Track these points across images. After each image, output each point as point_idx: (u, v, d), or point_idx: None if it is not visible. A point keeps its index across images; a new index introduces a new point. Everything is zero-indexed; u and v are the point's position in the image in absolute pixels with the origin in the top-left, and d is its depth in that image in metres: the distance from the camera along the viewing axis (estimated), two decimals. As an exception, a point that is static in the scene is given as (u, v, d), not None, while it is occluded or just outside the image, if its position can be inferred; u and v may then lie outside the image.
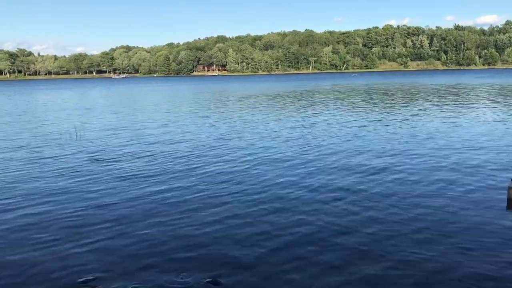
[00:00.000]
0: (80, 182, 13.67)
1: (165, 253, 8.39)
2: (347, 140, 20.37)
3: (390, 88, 69.24)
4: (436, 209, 10.44)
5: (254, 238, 8.98)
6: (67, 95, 73.49)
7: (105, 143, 21.39)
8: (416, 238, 8.76)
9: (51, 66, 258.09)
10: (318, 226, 9.54)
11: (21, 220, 10.38)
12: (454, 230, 9.14)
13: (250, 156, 17.10)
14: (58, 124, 29.98)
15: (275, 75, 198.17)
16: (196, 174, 14.47)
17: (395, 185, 12.53)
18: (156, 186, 13.00)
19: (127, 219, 10.30)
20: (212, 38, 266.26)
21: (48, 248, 8.73)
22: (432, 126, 24.22)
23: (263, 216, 10.28)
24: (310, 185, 12.71)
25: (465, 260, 7.78)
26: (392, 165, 14.96)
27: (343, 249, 8.35)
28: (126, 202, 11.59)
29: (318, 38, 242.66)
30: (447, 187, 12.20)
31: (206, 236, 9.18)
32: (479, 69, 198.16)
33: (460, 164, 14.84)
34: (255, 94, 62.70)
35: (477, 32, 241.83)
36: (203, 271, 7.62)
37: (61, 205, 11.43)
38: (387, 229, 9.25)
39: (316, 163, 15.63)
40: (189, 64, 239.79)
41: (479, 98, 44.36)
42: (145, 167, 15.59)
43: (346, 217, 10.08)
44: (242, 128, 25.42)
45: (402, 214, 10.15)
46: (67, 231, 9.60)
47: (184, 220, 10.13)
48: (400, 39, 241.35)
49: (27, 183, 13.72)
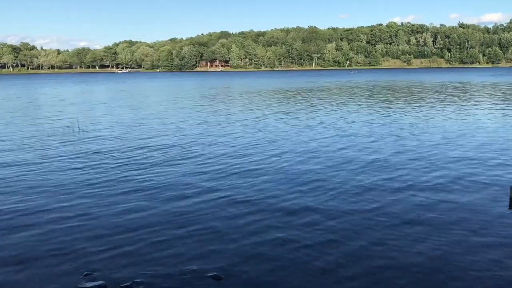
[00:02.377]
0: (83, 174, 13.75)
1: (169, 248, 8.45)
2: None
3: (386, 86, 69.05)
4: (438, 207, 10.48)
5: (255, 235, 9.05)
6: (71, 90, 73.49)
7: (107, 136, 21.46)
8: (416, 237, 8.81)
9: (54, 60, 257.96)
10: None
11: (22, 211, 10.48)
12: (457, 229, 9.18)
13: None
14: (62, 118, 30.05)
15: (278, 72, 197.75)
16: (208, 171, 14.54)
17: (394, 183, 12.57)
18: (157, 178, 13.08)
19: (128, 212, 10.36)
20: (215, 34, 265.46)
21: (51, 240, 8.81)
22: (436, 124, 24.20)
23: (264, 209, 10.35)
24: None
25: (467, 259, 7.83)
26: (391, 162, 15.01)
27: (344, 251, 8.41)
28: (126, 195, 11.67)
29: (322, 35, 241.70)
30: (449, 185, 12.23)
31: (209, 230, 9.24)
32: (483, 68, 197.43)
33: (463, 162, 14.87)
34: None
35: (481, 30, 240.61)
36: (204, 265, 7.69)
37: (60, 197, 11.53)
38: (391, 226, 9.32)
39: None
40: (192, 60, 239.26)
41: (486, 96, 44.22)
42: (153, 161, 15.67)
43: (359, 215, 10.15)
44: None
45: (404, 212, 10.20)
46: (70, 223, 9.67)
47: (188, 212, 10.20)
48: (404, 36, 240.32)
49: (30, 176, 13.82)
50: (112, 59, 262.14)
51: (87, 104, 43.43)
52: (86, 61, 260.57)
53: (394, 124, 24.62)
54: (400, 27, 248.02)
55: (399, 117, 27.73)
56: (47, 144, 19.72)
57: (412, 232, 9.00)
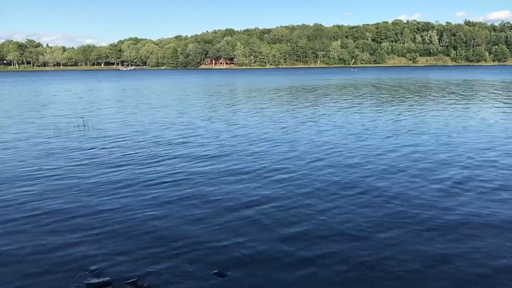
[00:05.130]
0: (87, 170, 13.84)
1: (174, 243, 8.50)
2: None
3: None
4: (460, 205, 10.50)
5: (260, 233, 9.07)
6: (76, 87, 73.72)
7: (112, 133, 21.53)
8: (431, 237, 8.83)
9: (60, 57, 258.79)
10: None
11: (27, 208, 10.56)
12: (477, 228, 9.19)
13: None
14: (67, 115, 30.16)
15: (283, 69, 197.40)
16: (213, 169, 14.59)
17: (405, 182, 12.57)
18: (162, 176, 13.13)
19: (133, 209, 10.42)
20: (220, 31, 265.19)
21: (57, 236, 8.88)
22: (451, 123, 24.13)
23: (269, 210, 10.38)
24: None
25: (492, 257, 7.84)
26: (396, 163, 15.00)
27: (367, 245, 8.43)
28: (133, 191, 11.72)
29: (327, 32, 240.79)
30: (464, 185, 12.20)
31: (213, 228, 9.28)
32: (489, 66, 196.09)
33: (480, 161, 14.87)
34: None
35: (487, 28, 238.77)
36: (209, 262, 7.72)
37: (63, 197, 11.60)
38: (407, 224, 9.34)
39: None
40: (197, 57, 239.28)
41: (496, 94, 43.96)
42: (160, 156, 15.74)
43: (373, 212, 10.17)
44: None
45: (425, 211, 10.22)
46: (75, 220, 9.74)
47: (194, 211, 10.24)
48: (409, 34, 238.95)
49: (35, 171, 13.91)
50: (117, 56, 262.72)
51: (92, 102, 43.53)
52: (91, 58, 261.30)
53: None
54: (406, 25, 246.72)
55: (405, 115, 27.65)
56: (52, 140, 19.81)
57: (421, 230, 9.02)
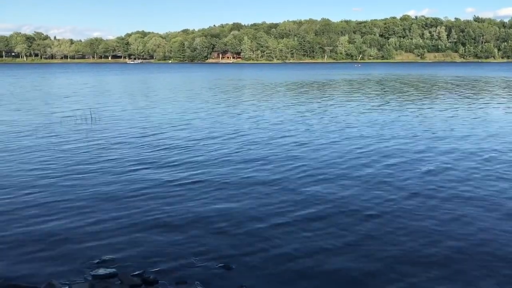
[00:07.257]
0: (94, 164, 13.92)
1: (181, 237, 8.54)
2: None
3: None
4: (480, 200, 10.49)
5: (266, 226, 9.10)
6: (89, 80, 73.99)
7: (119, 127, 21.61)
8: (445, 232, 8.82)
9: (67, 50, 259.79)
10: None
11: (35, 200, 10.64)
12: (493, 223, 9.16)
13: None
14: (74, 108, 30.30)
15: (290, 64, 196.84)
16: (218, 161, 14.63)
17: (418, 178, 12.53)
18: (168, 170, 13.17)
19: (140, 202, 10.47)
20: (227, 25, 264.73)
21: (63, 227, 8.95)
22: (461, 120, 24.02)
23: (280, 202, 10.40)
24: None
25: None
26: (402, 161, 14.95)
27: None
28: (138, 184, 11.77)
29: (335, 27, 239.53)
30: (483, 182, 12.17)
31: (219, 221, 9.31)
32: (498, 62, 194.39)
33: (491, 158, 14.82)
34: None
35: (497, 25, 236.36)
36: (215, 256, 7.76)
37: (72, 188, 11.69)
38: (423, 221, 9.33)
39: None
40: (204, 51, 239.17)
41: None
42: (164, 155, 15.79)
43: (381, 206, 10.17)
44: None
45: (434, 208, 10.20)
46: (84, 211, 9.81)
47: (200, 203, 10.27)
48: (417, 30, 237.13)
49: (41, 165, 14.01)
50: (125, 49, 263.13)
51: (99, 95, 43.63)
52: (98, 51, 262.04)
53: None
54: (414, 21, 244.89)
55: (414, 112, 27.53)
56: (60, 133, 19.91)
57: (429, 226, 9.01)
